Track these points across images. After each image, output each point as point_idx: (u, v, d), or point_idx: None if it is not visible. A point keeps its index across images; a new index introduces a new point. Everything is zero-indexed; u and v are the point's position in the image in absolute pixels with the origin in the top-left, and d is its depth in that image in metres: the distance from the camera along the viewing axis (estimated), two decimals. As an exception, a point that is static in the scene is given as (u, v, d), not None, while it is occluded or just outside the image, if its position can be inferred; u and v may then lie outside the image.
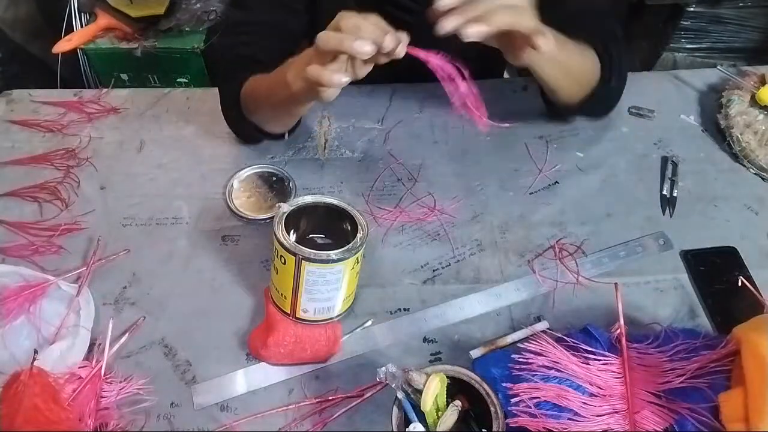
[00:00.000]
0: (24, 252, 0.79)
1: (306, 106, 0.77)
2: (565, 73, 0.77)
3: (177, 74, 1.56)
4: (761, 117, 0.92)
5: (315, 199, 0.70)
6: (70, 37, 1.47)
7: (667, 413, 0.61)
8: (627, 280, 0.75)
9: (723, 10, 1.63)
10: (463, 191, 0.87)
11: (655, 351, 0.66)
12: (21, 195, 0.86)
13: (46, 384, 0.61)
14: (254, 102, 0.82)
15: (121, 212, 0.85)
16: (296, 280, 0.65)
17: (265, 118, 0.85)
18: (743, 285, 0.70)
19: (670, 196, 0.86)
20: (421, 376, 0.56)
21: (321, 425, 0.65)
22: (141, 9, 1.49)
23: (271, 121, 0.86)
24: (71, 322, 0.70)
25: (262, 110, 0.83)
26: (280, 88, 0.71)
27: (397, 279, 0.77)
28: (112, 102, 1.00)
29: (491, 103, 0.98)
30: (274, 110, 0.81)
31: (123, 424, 0.64)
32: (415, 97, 0.99)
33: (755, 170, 0.89)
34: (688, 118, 0.96)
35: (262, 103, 0.81)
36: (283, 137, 0.91)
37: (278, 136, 0.91)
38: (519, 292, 0.75)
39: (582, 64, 0.79)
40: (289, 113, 0.82)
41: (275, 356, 0.68)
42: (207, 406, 0.67)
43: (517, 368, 0.64)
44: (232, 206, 0.84)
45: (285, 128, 0.89)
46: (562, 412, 0.60)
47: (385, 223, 0.83)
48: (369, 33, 0.60)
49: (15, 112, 0.98)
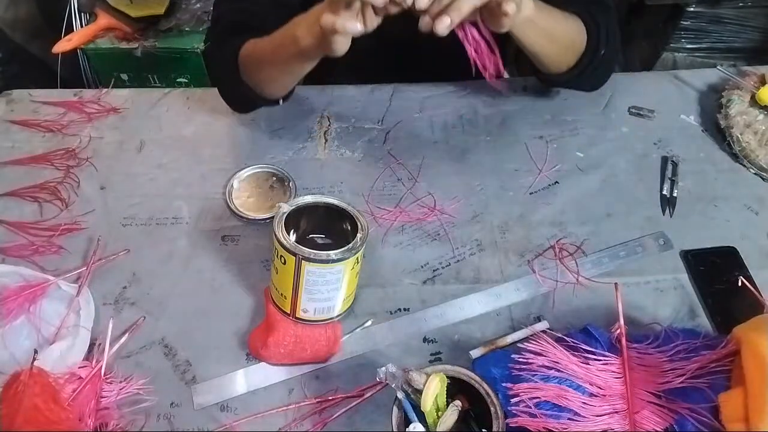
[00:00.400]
0: (24, 252, 0.79)
1: (312, 62, 0.77)
2: (548, 39, 0.78)
3: (177, 74, 1.56)
4: (761, 117, 0.92)
5: (315, 199, 0.70)
6: (70, 37, 1.47)
7: (667, 413, 0.61)
8: (627, 280, 0.75)
9: (723, 10, 1.63)
10: (463, 191, 0.87)
11: (655, 351, 0.66)
12: (21, 195, 0.86)
13: (46, 384, 0.61)
14: (256, 63, 0.83)
15: (121, 212, 0.85)
16: (296, 280, 0.65)
17: (266, 79, 0.85)
18: (743, 285, 0.70)
19: (670, 196, 0.86)
20: (421, 376, 0.56)
21: (321, 425, 0.65)
22: (141, 9, 1.49)
23: (271, 83, 0.85)
24: (71, 322, 0.70)
25: (265, 71, 0.83)
26: (288, 45, 0.74)
27: (397, 279, 0.77)
28: (112, 102, 1.00)
29: (491, 103, 0.99)
30: (278, 70, 0.81)
31: (123, 424, 0.64)
32: (415, 97, 0.99)
33: (755, 170, 0.89)
34: (688, 118, 0.96)
35: (266, 63, 0.82)
36: (277, 103, 0.91)
37: (273, 102, 0.90)
38: (519, 292, 0.75)
39: (566, 30, 0.80)
40: (293, 72, 0.81)
41: (275, 356, 0.68)
42: (207, 406, 0.67)
43: (517, 368, 0.64)
44: (232, 206, 0.84)
45: (284, 91, 0.88)
46: (562, 412, 0.60)
47: (385, 223, 0.83)
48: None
49: (15, 112, 0.98)
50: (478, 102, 0.99)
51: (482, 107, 0.98)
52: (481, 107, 0.98)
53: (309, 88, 1.03)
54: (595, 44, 0.82)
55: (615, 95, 0.99)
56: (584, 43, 0.82)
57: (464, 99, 0.99)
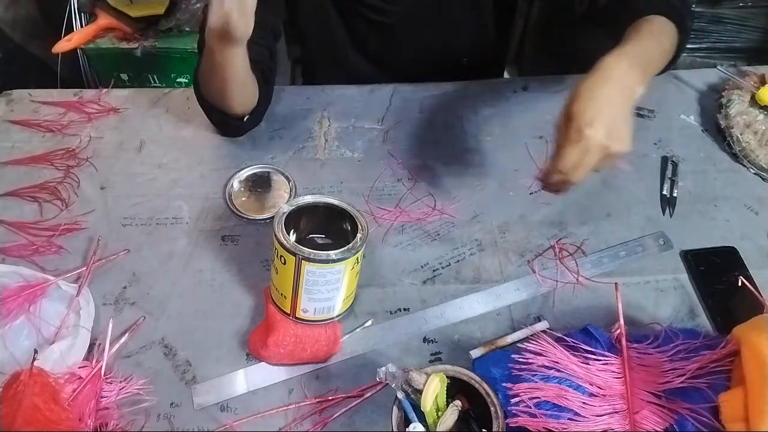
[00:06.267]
0: (24, 252, 0.79)
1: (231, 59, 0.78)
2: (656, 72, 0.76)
3: (177, 74, 1.56)
4: (761, 117, 0.92)
5: (315, 199, 0.70)
6: (70, 37, 1.47)
7: (667, 413, 0.61)
8: (627, 280, 0.75)
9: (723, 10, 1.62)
10: (463, 191, 0.87)
11: (655, 351, 0.66)
12: (21, 195, 0.86)
13: (46, 384, 0.61)
14: (203, 79, 0.86)
15: (121, 212, 0.85)
16: (296, 280, 0.65)
17: (214, 93, 0.86)
18: (743, 285, 0.70)
19: (670, 196, 0.86)
20: (421, 376, 0.56)
21: (321, 425, 0.65)
22: (141, 9, 1.49)
23: (220, 96, 0.86)
24: (71, 322, 0.70)
25: (209, 83, 0.85)
26: (208, 51, 0.79)
27: (397, 279, 0.77)
28: (112, 102, 1.00)
29: (491, 103, 0.99)
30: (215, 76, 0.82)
31: (123, 424, 0.64)
32: (415, 97, 0.99)
33: (755, 170, 0.89)
34: (688, 118, 0.96)
35: (206, 75, 0.84)
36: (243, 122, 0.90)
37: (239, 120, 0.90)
38: (519, 292, 0.75)
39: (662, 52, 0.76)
40: (222, 76, 0.81)
41: (275, 356, 0.68)
42: (207, 406, 0.67)
43: (517, 368, 0.64)
44: (232, 206, 0.84)
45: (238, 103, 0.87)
46: (562, 412, 0.60)
47: (385, 223, 0.83)
48: None
49: (15, 112, 0.98)
50: (478, 102, 0.99)
51: (482, 107, 0.98)
52: (481, 107, 0.98)
53: (309, 88, 1.03)
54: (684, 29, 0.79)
55: (615, 95, 0.99)
56: (676, 38, 0.79)
57: (464, 99, 0.99)
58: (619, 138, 0.65)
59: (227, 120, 0.90)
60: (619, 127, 0.65)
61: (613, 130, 0.65)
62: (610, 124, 0.65)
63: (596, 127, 0.64)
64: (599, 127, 0.64)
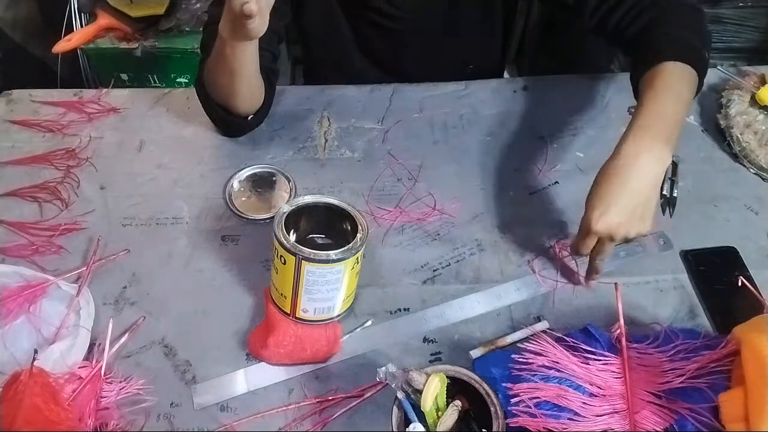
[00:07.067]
0: (24, 252, 0.79)
1: (242, 55, 0.78)
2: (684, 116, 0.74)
3: (177, 74, 1.56)
4: (761, 117, 0.92)
5: (315, 199, 0.70)
6: (70, 37, 1.47)
7: (667, 413, 0.61)
8: (627, 280, 0.75)
9: (723, 10, 1.62)
10: (463, 191, 0.87)
11: (655, 351, 0.66)
12: (21, 195, 0.86)
13: (46, 384, 0.61)
14: (211, 75, 0.85)
15: (121, 212, 0.85)
16: (296, 280, 0.65)
17: (221, 90, 0.86)
18: (743, 285, 0.70)
19: (670, 196, 0.85)
20: (421, 376, 0.56)
21: (321, 425, 0.65)
22: (141, 9, 1.49)
23: (227, 93, 0.86)
24: (71, 322, 0.70)
25: (217, 81, 0.85)
26: (219, 46, 0.78)
27: (397, 279, 0.77)
28: (112, 102, 1.00)
29: (491, 103, 0.99)
30: (222, 75, 0.82)
31: (123, 424, 0.64)
32: (415, 97, 0.99)
33: (755, 170, 0.89)
34: (688, 118, 0.96)
35: (213, 72, 0.84)
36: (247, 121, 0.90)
37: (243, 119, 0.90)
38: (519, 292, 0.75)
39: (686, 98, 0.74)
40: (232, 73, 0.81)
41: (275, 356, 0.68)
42: (207, 406, 0.67)
43: (517, 368, 0.64)
44: (232, 206, 0.84)
45: (245, 101, 0.88)
46: (562, 412, 0.60)
47: (385, 223, 0.83)
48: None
49: (15, 112, 0.98)
50: (478, 102, 0.99)
51: (482, 107, 0.98)
52: (481, 107, 0.98)
53: (309, 88, 1.03)
54: (704, 67, 0.78)
55: (615, 95, 0.99)
56: (696, 82, 0.77)
57: (464, 99, 0.99)
58: (634, 224, 0.66)
59: (231, 118, 0.90)
60: (635, 213, 0.66)
61: (627, 217, 0.66)
62: (624, 213, 0.66)
63: (605, 221, 0.66)
64: (609, 220, 0.66)
